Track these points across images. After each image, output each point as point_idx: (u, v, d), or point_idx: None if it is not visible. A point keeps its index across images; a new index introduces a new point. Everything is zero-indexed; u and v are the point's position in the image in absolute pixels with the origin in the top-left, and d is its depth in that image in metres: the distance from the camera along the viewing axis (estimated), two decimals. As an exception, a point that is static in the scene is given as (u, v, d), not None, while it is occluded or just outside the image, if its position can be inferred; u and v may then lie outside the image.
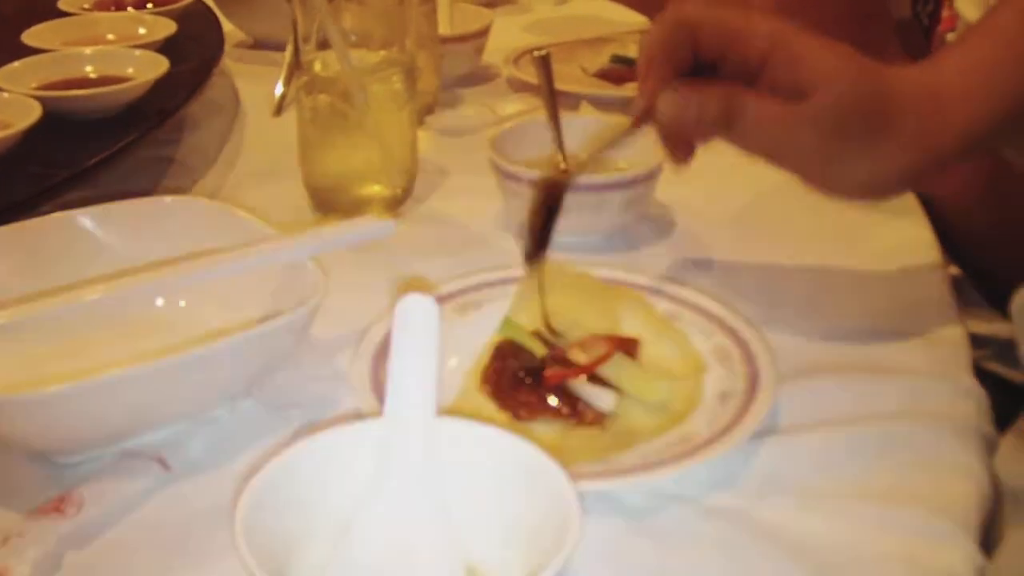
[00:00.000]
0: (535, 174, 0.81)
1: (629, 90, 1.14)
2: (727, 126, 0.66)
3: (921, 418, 0.64)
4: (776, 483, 0.59)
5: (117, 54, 1.01)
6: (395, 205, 0.89)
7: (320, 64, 0.86)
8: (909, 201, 0.91)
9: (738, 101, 0.65)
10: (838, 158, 0.66)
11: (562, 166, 0.89)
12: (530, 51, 1.14)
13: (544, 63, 0.93)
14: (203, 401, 0.61)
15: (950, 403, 0.65)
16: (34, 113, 0.83)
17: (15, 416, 0.55)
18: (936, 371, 0.69)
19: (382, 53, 0.87)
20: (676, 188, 0.91)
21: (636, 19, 1.36)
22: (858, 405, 0.65)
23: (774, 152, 0.68)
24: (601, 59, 1.23)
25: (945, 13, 1.12)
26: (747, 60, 0.66)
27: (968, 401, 0.66)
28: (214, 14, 1.29)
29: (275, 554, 0.45)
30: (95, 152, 0.85)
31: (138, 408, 0.58)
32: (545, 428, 0.62)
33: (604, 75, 1.18)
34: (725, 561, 0.54)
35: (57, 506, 0.55)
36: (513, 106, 1.12)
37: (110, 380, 0.55)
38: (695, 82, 0.67)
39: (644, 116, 0.69)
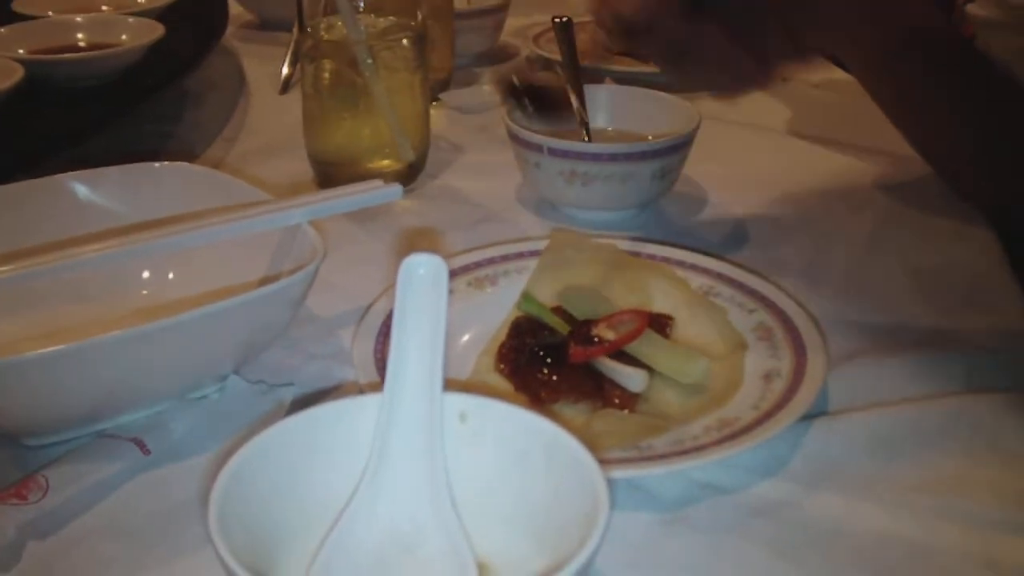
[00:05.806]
0: (555, 142, 0.75)
1: (654, 67, 1.08)
2: None
3: (986, 396, 0.57)
4: (828, 471, 0.52)
5: (110, 21, 0.95)
6: (406, 181, 0.83)
7: (325, 29, 0.81)
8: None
9: None
10: None
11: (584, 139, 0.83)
12: (551, 27, 1.08)
13: (565, 29, 0.88)
14: (189, 376, 0.55)
15: (1016, 379, 0.58)
16: (15, 75, 0.77)
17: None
18: (998, 345, 0.62)
19: (392, 18, 0.82)
20: (708, 163, 0.84)
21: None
22: (915, 383, 0.58)
23: None
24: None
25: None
26: None
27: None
28: (218, -13, 1.23)
29: (257, 544, 0.39)
30: (84, 120, 0.79)
31: (117, 382, 0.51)
32: (568, 411, 0.55)
33: (628, 52, 1.12)
34: (773, 561, 0.47)
35: (18, 491, 0.48)
36: (533, 84, 1.06)
37: (86, 347, 0.48)
38: None
39: None
